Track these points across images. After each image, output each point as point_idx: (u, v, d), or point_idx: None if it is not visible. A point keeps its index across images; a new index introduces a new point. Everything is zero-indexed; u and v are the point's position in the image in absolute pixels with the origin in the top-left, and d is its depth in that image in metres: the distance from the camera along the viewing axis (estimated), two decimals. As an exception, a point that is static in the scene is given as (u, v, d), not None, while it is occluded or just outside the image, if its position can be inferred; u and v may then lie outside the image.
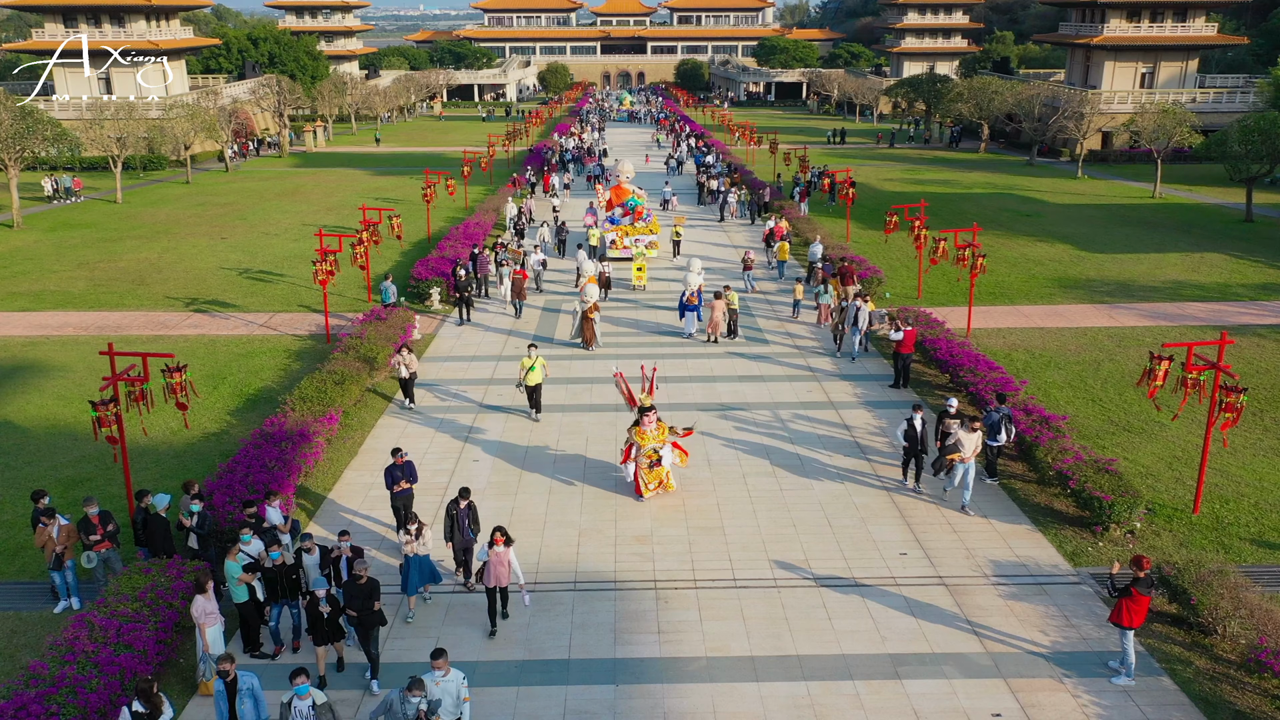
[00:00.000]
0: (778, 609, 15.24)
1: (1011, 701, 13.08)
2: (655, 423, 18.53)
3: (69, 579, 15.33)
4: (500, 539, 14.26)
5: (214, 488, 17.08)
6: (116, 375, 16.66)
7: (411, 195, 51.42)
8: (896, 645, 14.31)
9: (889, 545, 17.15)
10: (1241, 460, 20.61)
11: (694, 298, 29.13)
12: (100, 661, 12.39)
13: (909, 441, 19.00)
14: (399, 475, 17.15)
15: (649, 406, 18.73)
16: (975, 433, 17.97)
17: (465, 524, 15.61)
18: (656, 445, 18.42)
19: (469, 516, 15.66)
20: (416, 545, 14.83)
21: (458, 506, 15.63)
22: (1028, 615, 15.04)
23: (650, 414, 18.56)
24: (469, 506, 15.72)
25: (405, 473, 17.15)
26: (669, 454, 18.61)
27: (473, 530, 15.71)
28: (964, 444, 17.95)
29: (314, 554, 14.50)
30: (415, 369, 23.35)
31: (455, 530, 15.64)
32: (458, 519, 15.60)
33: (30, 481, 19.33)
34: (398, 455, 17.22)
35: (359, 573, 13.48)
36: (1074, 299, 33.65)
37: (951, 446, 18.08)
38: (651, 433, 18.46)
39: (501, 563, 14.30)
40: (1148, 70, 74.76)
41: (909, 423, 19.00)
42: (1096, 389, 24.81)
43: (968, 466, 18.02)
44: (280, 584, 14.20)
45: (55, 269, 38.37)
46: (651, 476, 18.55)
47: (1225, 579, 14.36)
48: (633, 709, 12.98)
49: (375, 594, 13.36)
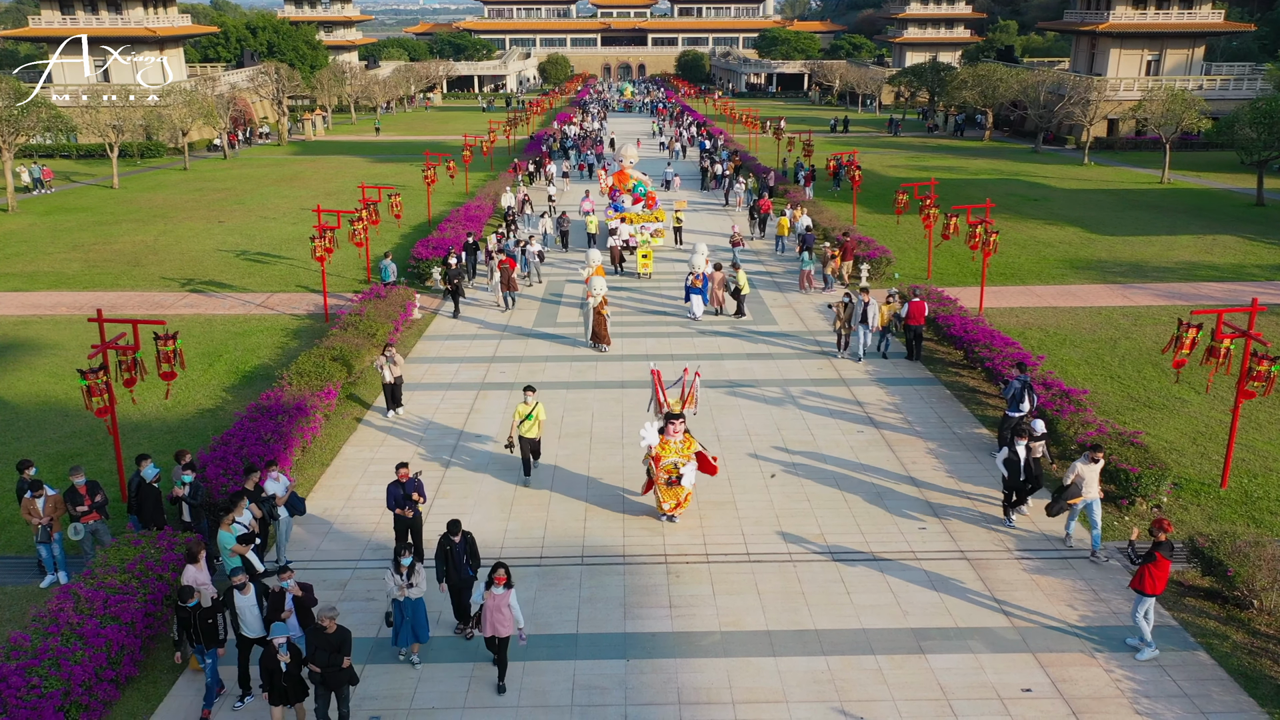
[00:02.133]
0: (793, 583, 14.64)
1: (1042, 676, 12.48)
2: (681, 434, 16.14)
3: (56, 552, 14.70)
4: (502, 578, 12.03)
5: (207, 460, 16.46)
6: (106, 343, 16.06)
7: (412, 181, 50.77)
8: (919, 619, 13.71)
9: (906, 519, 16.54)
10: (1268, 436, 20.00)
11: (699, 280, 28.26)
12: (85, 634, 11.77)
13: (1010, 472, 15.84)
14: (403, 494, 14.60)
15: (677, 414, 16.40)
16: (1098, 464, 15.04)
17: (463, 560, 13.29)
18: (679, 460, 15.95)
19: (466, 551, 13.33)
20: (410, 589, 12.41)
21: (451, 541, 13.20)
22: (1054, 589, 14.44)
23: (677, 423, 16.18)
24: (464, 540, 13.34)
25: (415, 489, 14.73)
26: (691, 472, 16.04)
27: (471, 567, 13.36)
28: (1086, 480, 14.90)
29: (248, 593, 12.02)
30: (401, 373, 20.91)
31: (451, 569, 13.24)
32: (453, 556, 13.23)
33: (19, 457, 18.69)
34: (403, 470, 14.71)
35: (324, 620, 11.13)
36: (1086, 279, 33.02)
37: (1073, 489, 14.93)
38: (675, 445, 16.05)
39: (500, 608, 12.00)
40: (1153, 58, 73.99)
41: (1011, 449, 15.89)
42: (1114, 366, 24.19)
43: (1090, 502, 15.07)
44: (193, 628, 11.75)
45: (49, 251, 37.72)
46: (668, 495, 16.06)
47: (1263, 550, 13.74)
48: (645, 684, 12.38)
49: (345, 646, 11.15)
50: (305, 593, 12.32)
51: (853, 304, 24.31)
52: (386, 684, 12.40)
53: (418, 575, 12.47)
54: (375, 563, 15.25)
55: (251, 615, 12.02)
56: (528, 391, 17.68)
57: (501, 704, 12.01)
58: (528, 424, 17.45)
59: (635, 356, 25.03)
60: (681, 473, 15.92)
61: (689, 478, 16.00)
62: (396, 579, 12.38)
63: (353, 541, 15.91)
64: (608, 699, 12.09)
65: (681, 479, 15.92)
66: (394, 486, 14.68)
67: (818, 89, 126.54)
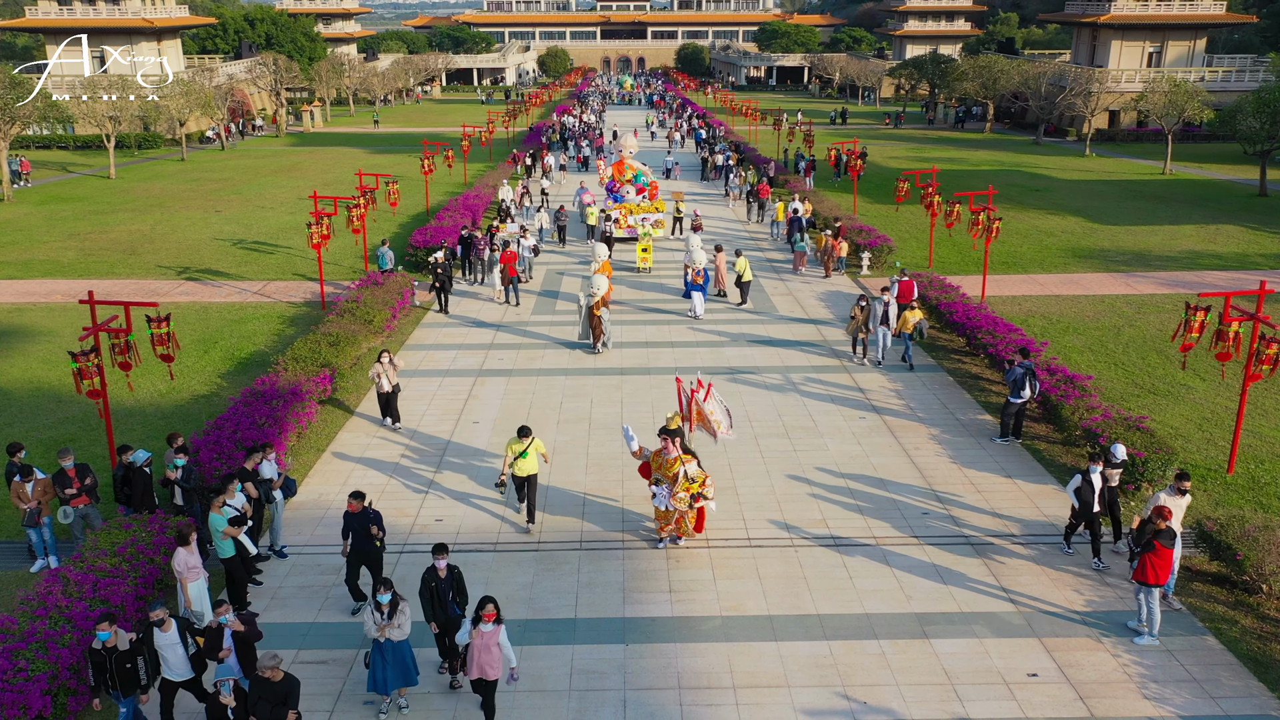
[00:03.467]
0: (795, 568, 14.42)
1: (1048, 661, 12.26)
2: (674, 455, 14.40)
3: (46, 537, 14.49)
4: (491, 614, 10.70)
5: (201, 444, 16.22)
6: (97, 325, 15.81)
7: (410, 172, 50.36)
8: (922, 605, 13.49)
9: (910, 505, 16.31)
10: (1274, 422, 19.77)
11: (699, 276, 27.08)
12: (74, 617, 11.54)
13: (1082, 503, 14.24)
14: (360, 527, 12.88)
15: (674, 430, 15.01)
16: (1185, 496, 13.64)
17: (449, 596, 11.68)
18: (659, 478, 14.59)
19: (453, 587, 11.74)
20: (391, 629, 11.00)
21: (436, 575, 11.66)
22: (1059, 575, 14.22)
23: (671, 442, 14.53)
24: (451, 574, 11.75)
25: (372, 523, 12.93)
26: (663, 495, 14.52)
27: (458, 604, 11.73)
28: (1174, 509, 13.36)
29: (169, 630, 10.60)
30: (398, 380, 19.39)
31: (437, 607, 11.68)
32: (438, 593, 11.63)
33: (11, 442, 18.44)
34: (357, 500, 12.88)
35: (267, 669, 9.76)
36: (1089, 268, 32.78)
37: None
38: (659, 460, 14.60)
39: (488, 647, 10.66)
40: (1155, 49, 73.62)
41: (1084, 477, 14.19)
42: (1118, 353, 23.96)
43: None
44: (109, 671, 10.38)
45: (45, 240, 37.45)
46: (657, 511, 14.90)
47: (1272, 535, 13.52)
48: (644, 668, 12.17)
49: (292, 698, 9.92)
50: (248, 627, 10.92)
51: (870, 306, 22.85)
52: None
53: (400, 614, 11.03)
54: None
55: (175, 656, 10.66)
56: (524, 436, 15.27)
57: (499, 689, 11.77)
58: (523, 462, 15.22)
59: (634, 344, 24.80)
60: (653, 490, 14.69)
61: (659, 498, 14.54)
62: (375, 617, 10.96)
63: (348, 526, 15.66)
64: (606, 683, 11.88)
65: (654, 497, 14.66)
66: (349, 518, 12.96)
67: (818, 82, 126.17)
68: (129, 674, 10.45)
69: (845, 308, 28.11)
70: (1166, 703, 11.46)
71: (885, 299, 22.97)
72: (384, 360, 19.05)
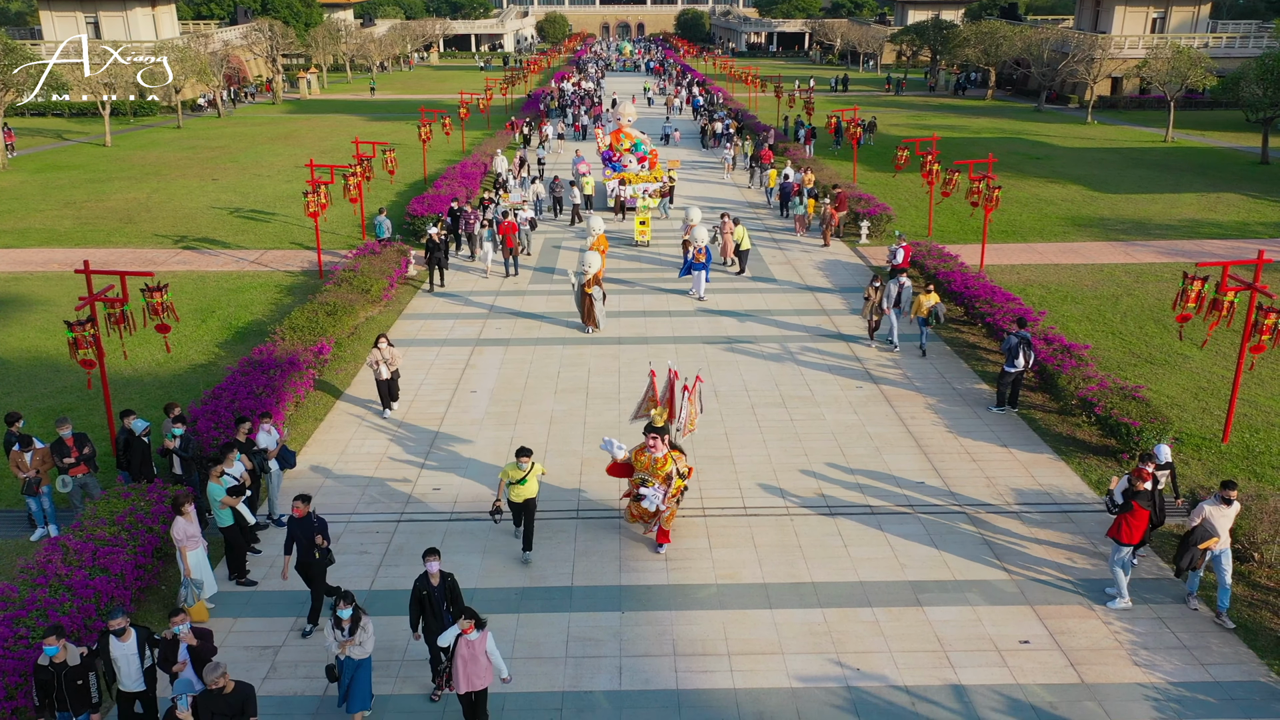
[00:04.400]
0: (790, 537, 14.51)
1: (1040, 628, 12.38)
2: (662, 453, 13.73)
3: (45, 505, 14.57)
4: (470, 626, 10.04)
5: (198, 414, 16.26)
6: (93, 295, 15.78)
7: (407, 139, 50.15)
8: (916, 573, 13.59)
9: (905, 474, 16.38)
10: (1270, 391, 19.82)
11: (701, 254, 25.57)
12: (74, 585, 11.64)
13: None
14: (302, 534, 12.04)
15: (659, 428, 14.10)
16: (1231, 506, 12.44)
17: (443, 606, 11.05)
18: (645, 478, 13.81)
19: (446, 596, 11.08)
20: (352, 645, 10.35)
21: (429, 582, 10.99)
22: (1054, 543, 14.31)
23: (654, 438, 13.75)
24: (445, 582, 11.10)
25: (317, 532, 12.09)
26: (653, 495, 13.67)
27: (451, 615, 10.98)
28: (1217, 524, 12.32)
29: (128, 640, 10.04)
30: (398, 365, 18.47)
31: (430, 615, 10.99)
32: (431, 602, 10.98)
33: (8, 411, 18.48)
34: (302, 504, 12.08)
35: (216, 681, 9.20)
36: (1089, 237, 32.68)
37: (1202, 531, 12.33)
38: (646, 461, 13.78)
39: (475, 657, 10.11)
40: (1159, 15, 72.80)
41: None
42: (1116, 322, 23.95)
43: (1220, 553, 12.44)
44: (59, 688, 9.72)
45: (41, 208, 37.28)
46: (636, 509, 14.15)
47: (1264, 504, 13.61)
48: (639, 635, 12.28)
49: (249, 707, 9.37)
50: (202, 641, 10.24)
51: (885, 286, 22.03)
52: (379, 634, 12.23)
53: (363, 630, 10.37)
54: (368, 517, 15.13)
55: (132, 666, 10.08)
56: (522, 457, 13.59)
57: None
58: (520, 488, 13.64)
59: (632, 313, 24.79)
60: (643, 493, 13.73)
61: (650, 500, 13.67)
62: (335, 634, 10.34)
63: (346, 495, 15.76)
64: (602, 650, 11.99)
65: (642, 499, 13.75)
66: (292, 524, 12.14)
67: (819, 48, 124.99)
68: (80, 691, 9.76)
69: (844, 276, 28.12)
70: (1156, 669, 11.59)
71: (902, 280, 22.06)
72: (382, 346, 18.05)
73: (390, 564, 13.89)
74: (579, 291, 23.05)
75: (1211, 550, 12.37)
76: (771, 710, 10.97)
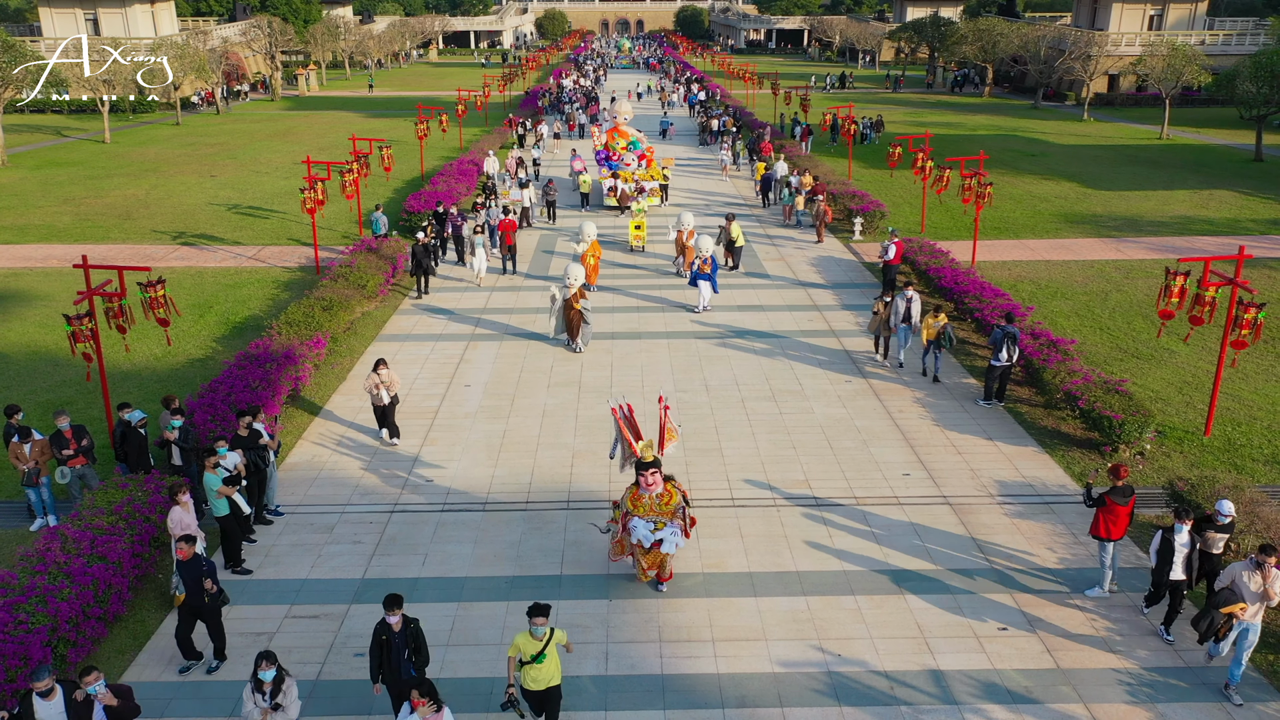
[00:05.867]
0: (776, 527, 14.77)
1: (1018, 615, 12.64)
2: (661, 487, 12.87)
3: (45, 496, 14.82)
4: (420, 700, 8.83)
5: (195, 406, 16.52)
6: (91, 290, 16.03)
7: (405, 136, 50.44)
8: (899, 562, 13.85)
9: (891, 466, 16.65)
10: (1254, 385, 20.07)
11: (707, 265, 24.08)
12: (73, 572, 11.89)
13: (1160, 564, 11.92)
14: (188, 576, 11.17)
15: (650, 463, 12.98)
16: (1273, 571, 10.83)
17: (404, 655, 10.16)
18: (657, 521, 12.78)
19: (408, 643, 10.19)
20: (274, 713, 9.53)
21: (389, 628, 10.12)
22: (1034, 533, 14.58)
23: (651, 474, 12.80)
24: (408, 628, 10.22)
25: (205, 575, 11.15)
26: (673, 537, 12.77)
27: (414, 665, 10.23)
28: (1247, 588, 10.95)
29: (54, 699, 9.11)
30: (397, 390, 17.25)
31: (387, 666, 10.18)
32: (390, 648, 10.13)
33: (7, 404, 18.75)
34: (186, 545, 11.14)
35: None
36: (1081, 233, 32.93)
37: (1227, 594, 11.09)
38: (650, 501, 12.79)
39: None
40: (1156, 12, 73.03)
41: (1164, 536, 11.88)
42: (1104, 318, 24.21)
43: (1249, 626, 11.05)
44: None
45: (40, 204, 37.53)
46: (649, 560, 12.92)
47: (1240, 495, 13.84)
48: (626, 622, 12.54)
49: None
50: (122, 700, 9.28)
51: (893, 303, 20.83)
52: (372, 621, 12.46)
53: (286, 694, 9.55)
54: (362, 507, 15.38)
55: None
56: (536, 618, 10.25)
57: (484, 640, 12.17)
58: (538, 668, 10.24)
59: (624, 309, 25.04)
60: (661, 537, 12.71)
61: (670, 542, 12.71)
62: (256, 698, 9.45)
63: (340, 486, 16.03)
64: (590, 636, 12.25)
65: (661, 544, 12.74)
66: (179, 568, 11.34)
67: (817, 45, 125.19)
68: None
69: (837, 273, 28.37)
70: (1131, 655, 11.85)
71: (909, 294, 20.81)
72: (380, 371, 16.97)
73: (383, 553, 14.14)
74: (562, 305, 21.61)
75: (1238, 619, 11.00)
76: (754, 694, 11.24)
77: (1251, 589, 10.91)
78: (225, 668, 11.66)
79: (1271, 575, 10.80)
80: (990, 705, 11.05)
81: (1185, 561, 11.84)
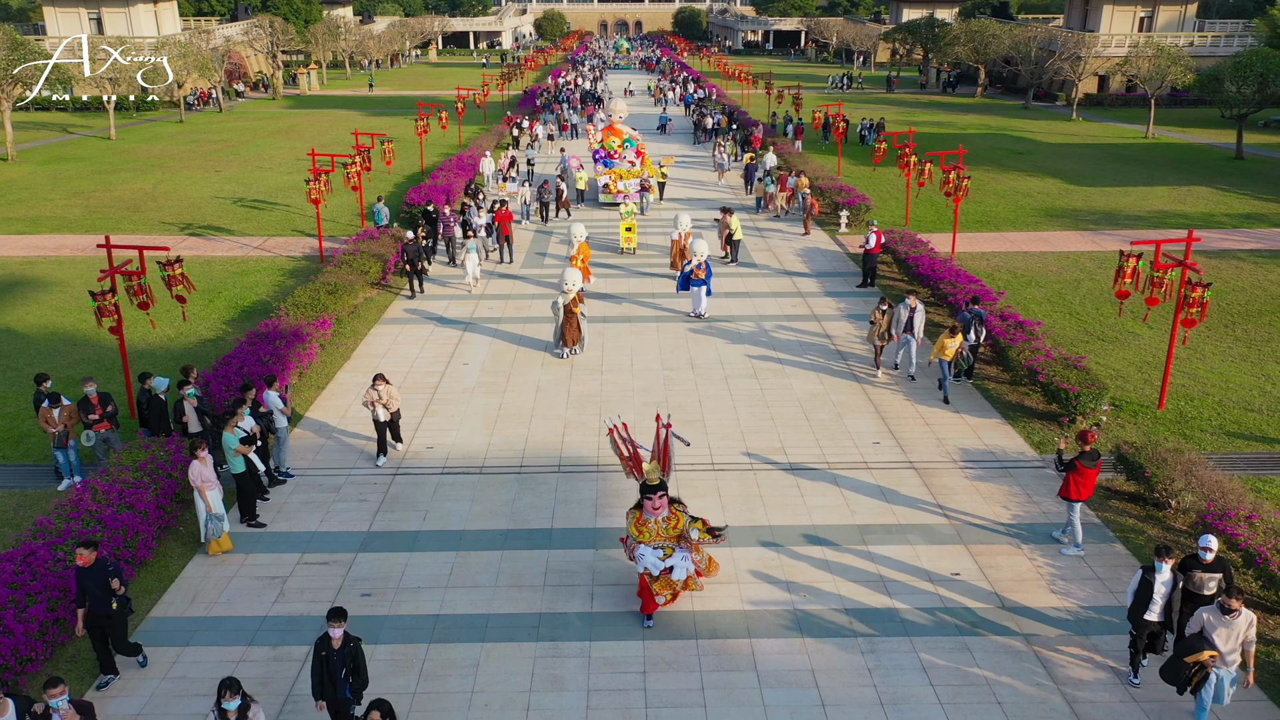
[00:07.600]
0: (753, 488, 15.89)
1: (971, 563, 13.76)
2: (666, 510, 12.47)
3: (72, 458, 15.93)
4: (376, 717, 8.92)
5: (210, 378, 17.64)
6: (114, 268, 17.15)
7: (405, 134, 51.53)
8: (865, 518, 14.97)
9: (863, 435, 17.76)
10: (1210, 365, 21.20)
11: (701, 270, 23.62)
12: (104, 519, 13.01)
13: (1136, 606, 11.08)
14: (92, 583, 10.81)
15: (656, 485, 12.49)
16: (1239, 616, 10.10)
17: (340, 673, 9.93)
18: (665, 547, 12.37)
19: (345, 663, 9.94)
20: None
21: (329, 644, 9.92)
22: (991, 494, 15.70)
23: (657, 497, 12.36)
24: (347, 646, 9.97)
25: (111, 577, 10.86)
26: (683, 562, 12.30)
27: (350, 687, 10.03)
28: (1218, 634, 10.16)
29: (5, 714, 8.93)
30: (397, 405, 16.53)
31: (326, 682, 9.96)
32: (329, 665, 9.90)
33: (31, 380, 19.85)
34: (87, 551, 10.79)
35: None
36: (1059, 227, 34.08)
37: (1198, 640, 10.29)
38: (656, 526, 12.40)
39: None
40: (1146, 14, 74.21)
41: (1144, 576, 11.04)
42: (1074, 304, 25.34)
43: (1224, 675, 10.25)
44: None
45: (50, 198, 38.65)
46: (661, 586, 12.32)
47: (1180, 456, 14.97)
48: (610, 569, 13.64)
49: None
50: (84, 715, 8.97)
51: (894, 311, 20.19)
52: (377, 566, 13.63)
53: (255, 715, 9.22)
54: (366, 471, 16.48)
55: None
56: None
57: (481, 583, 13.28)
58: None
59: (617, 296, 26.13)
60: (671, 564, 12.28)
61: (681, 569, 12.28)
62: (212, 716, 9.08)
63: (346, 452, 17.14)
64: (576, 580, 13.37)
65: (672, 570, 12.29)
66: (80, 575, 10.90)
67: (814, 46, 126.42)
68: None
69: (821, 263, 29.50)
70: (1070, 595, 12.97)
71: (911, 303, 19.97)
72: (379, 387, 16.19)
73: (387, 510, 15.24)
74: (564, 312, 21.23)
75: (1207, 667, 10.18)
76: (725, 628, 12.35)
77: (1219, 636, 10.13)
78: (242, 603, 12.79)
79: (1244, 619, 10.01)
80: (940, 638, 12.16)
81: (1165, 604, 10.91)
